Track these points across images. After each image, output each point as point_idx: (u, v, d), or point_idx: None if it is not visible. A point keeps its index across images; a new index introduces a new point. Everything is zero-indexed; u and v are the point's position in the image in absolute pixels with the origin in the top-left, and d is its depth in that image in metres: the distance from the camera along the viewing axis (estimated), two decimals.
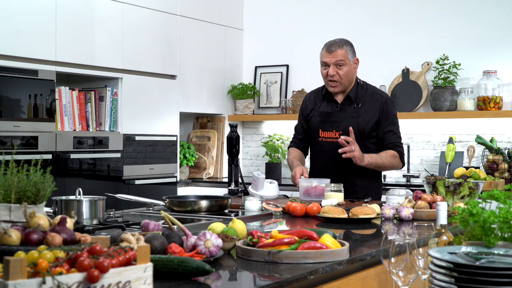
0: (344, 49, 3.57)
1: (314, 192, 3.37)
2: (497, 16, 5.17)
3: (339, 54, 3.56)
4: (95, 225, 2.38)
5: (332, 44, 3.61)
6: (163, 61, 5.32)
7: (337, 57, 3.56)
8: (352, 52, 3.62)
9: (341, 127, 3.61)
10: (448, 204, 3.02)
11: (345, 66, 3.57)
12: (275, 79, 6.06)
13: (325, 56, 3.59)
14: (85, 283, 1.26)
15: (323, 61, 3.61)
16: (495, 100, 4.99)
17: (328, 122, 3.66)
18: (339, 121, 3.63)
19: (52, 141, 4.35)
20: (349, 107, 3.64)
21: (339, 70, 3.57)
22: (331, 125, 3.64)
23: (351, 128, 3.47)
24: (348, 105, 3.65)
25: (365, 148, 3.59)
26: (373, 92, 3.69)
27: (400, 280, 1.84)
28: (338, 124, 3.62)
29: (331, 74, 3.56)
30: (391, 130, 3.64)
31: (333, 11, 5.82)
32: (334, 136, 3.62)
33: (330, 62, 3.57)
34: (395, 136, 3.65)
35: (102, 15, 4.80)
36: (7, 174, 1.78)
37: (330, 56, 3.57)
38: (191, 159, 5.65)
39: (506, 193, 1.81)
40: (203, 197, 3.05)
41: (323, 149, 3.66)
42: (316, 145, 3.71)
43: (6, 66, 4.12)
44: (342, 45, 3.59)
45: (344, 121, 3.61)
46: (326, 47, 3.62)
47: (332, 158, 3.59)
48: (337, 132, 3.61)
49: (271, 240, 1.91)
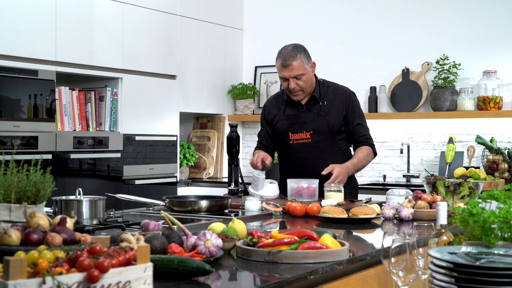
0: (299, 60, 3.53)
1: (306, 193, 3.38)
2: (497, 16, 5.17)
3: (295, 67, 3.52)
4: (95, 225, 2.38)
5: (286, 57, 3.53)
6: (163, 61, 5.32)
7: (293, 70, 3.53)
8: (307, 58, 3.58)
9: (311, 126, 3.64)
10: (448, 204, 3.02)
11: (304, 75, 3.55)
12: (275, 79, 6.06)
13: (282, 70, 3.56)
14: (85, 283, 1.26)
15: (281, 76, 3.58)
16: (495, 100, 4.99)
17: (296, 124, 3.67)
18: (308, 121, 3.65)
19: (52, 141, 4.35)
20: (315, 106, 3.66)
21: (299, 81, 3.56)
22: (301, 126, 3.66)
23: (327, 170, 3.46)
24: (312, 105, 3.67)
25: (335, 145, 3.66)
26: (335, 88, 3.72)
27: (400, 280, 1.84)
28: (307, 124, 3.65)
29: (292, 87, 3.56)
30: (359, 123, 3.69)
31: (333, 11, 5.82)
32: (305, 137, 3.65)
33: (288, 76, 3.55)
34: (364, 128, 3.70)
35: (102, 15, 4.80)
36: (7, 174, 1.78)
37: (287, 70, 3.54)
38: (191, 159, 5.65)
39: (506, 193, 1.81)
40: (203, 197, 3.05)
41: (295, 151, 3.67)
42: (288, 148, 3.72)
43: (6, 66, 4.12)
44: (296, 56, 3.53)
45: (313, 120, 3.64)
46: (280, 60, 3.56)
47: (307, 159, 3.62)
48: (307, 133, 3.64)
49: (271, 240, 1.91)
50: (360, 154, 3.64)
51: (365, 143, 3.69)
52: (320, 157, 3.62)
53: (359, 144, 3.70)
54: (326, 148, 3.65)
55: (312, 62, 3.63)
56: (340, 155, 3.67)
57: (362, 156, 3.63)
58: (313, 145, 3.64)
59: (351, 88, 3.83)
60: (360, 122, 3.69)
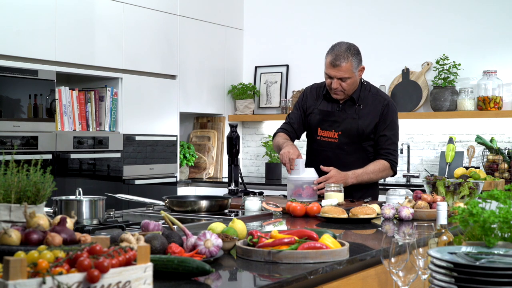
0: (349, 63, 3.41)
1: (305, 193, 3.38)
2: (497, 16, 5.17)
3: (343, 69, 3.41)
4: (95, 225, 2.38)
5: (337, 56, 3.41)
6: (163, 61, 5.32)
7: (340, 71, 3.42)
8: (358, 62, 3.46)
9: (341, 127, 3.55)
10: (448, 204, 3.02)
11: (349, 79, 3.45)
12: (275, 79, 6.06)
13: (329, 68, 3.44)
14: (85, 283, 1.26)
15: (327, 72, 3.47)
16: (495, 100, 4.99)
17: (328, 121, 3.59)
18: (339, 121, 3.56)
19: (52, 141, 4.35)
20: (351, 108, 3.56)
21: (343, 83, 3.46)
22: (331, 124, 3.58)
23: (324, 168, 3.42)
24: (349, 106, 3.57)
25: (362, 150, 3.57)
26: (375, 94, 3.60)
27: (400, 280, 1.84)
28: (338, 124, 3.56)
29: (335, 87, 3.47)
30: (385, 135, 3.54)
31: (333, 11, 5.82)
32: (332, 136, 3.57)
33: (333, 76, 3.45)
34: (389, 142, 3.55)
35: (102, 15, 4.80)
36: (7, 174, 1.78)
37: (334, 70, 3.43)
38: (191, 159, 5.65)
39: (506, 193, 1.81)
40: (203, 197, 3.05)
41: (320, 148, 3.61)
42: (314, 143, 3.66)
43: (6, 66, 4.12)
44: (347, 58, 3.41)
45: (344, 121, 3.55)
46: (331, 57, 3.44)
47: (330, 158, 3.55)
48: (336, 133, 3.56)
49: (271, 240, 1.91)
50: (371, 167, 3.50)
51: (384, 157, 3.54)
52: (344, 159, 3.53)
53: (378, 157, 3.56)
54: (351, 152, 3.55)
55: (362, 67, 3.49)
56: (365, 162, 3.56)
57: (371, 169, 3.50)
58: (339, 146, 3.56)
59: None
60: (386, 134, 3.53)
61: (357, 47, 3.51)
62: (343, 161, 3.54)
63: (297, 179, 3.43)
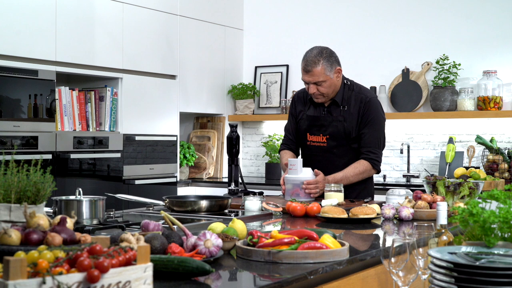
0: (321, 66, 3.42)
1: (303, 193, 3.39)
2: (497, 16, 5.17)
3: (315, 73, 3.43)
4: (95, 225, 2.38)
5: (308, 62, 3.44)
6: (163, 61, 5.32)
7: (314, 76, 3.44)
8: (330, 65, 3.45)
9: (328, 131, 3.57)
10: (448, 204, 3.02)
11: (325, 82, 3.46)
12: (275, 79, 6.06)
13: (303, 75, 3.48)
14: (85, 283, 1.26)
15: (302, 79, 3.51)
16: (495, 100, 4.99)
17: (315, 126, 3.62)
18: (326, 125, 3.58)
19: (52, 141, 4.35)
20: (336, 110, 3.57)
21: (320, 87, 3.47)
22: (318, 129, 3.60)
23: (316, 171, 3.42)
24: (334, 108, 3.58)
25: (351, 151, 3.59)
26: (358, 92, 3.58)
27: (400, 280, 1.84)
28: (325, 128, 3.58)
29: (312, 92, 3.50)
30: (364, 133, 3.51)
31: (333, 11, 5.82)
32: (321, 141, 3.60)
33: (308, 82, 3.48)
34: (369, 139, 3.51)
35: (102, 15, 4.80)
36: (7, 174, 1.78)
37: (308, 76, 3.46)
38: (191, 159, 5.65)
39: (506, 193, 1.81)
40: (203, 197, 3.05)
41: (311, 153, 3.63)
42: (305, 149, 3.69)
43: (6, 66, 4.12)
44: (318, 62, 3.42)
45: (331, 125, 3.57)
46: (303, 64, 3.47)
47: (321, 162, 3.56)
48: (324, 137, 3.59)
49: (271, 240, 1.91)
50: (350, 170, 3.48)
51: (365, 156, 3.52)
52: (334, 162, 3.55)
53: (360, 156, 3.55)
54: (341, 154, 3.57)
55: (337, 68, 3.48)
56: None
57: (351, 173, 3.48)
58: (328, 149, 3.58)
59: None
60: (365, 132, 3.51)
61: (330, 49, 3.51)
62: (334, 165, 3.56)
63: (295, 179, 3.43)
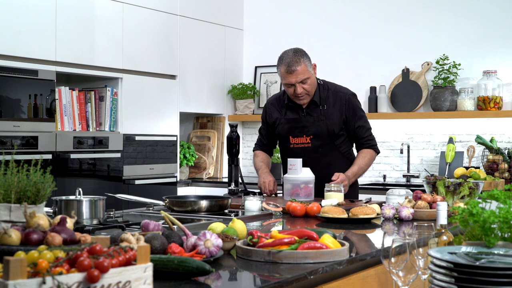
0: (303, 64, 3.49)
1: (303, 193, 3.39)
2: (497, 16, 5.17)
3: (300, 71, 3.49)
4: (95, 225, 2.38)
5: (290, 63, 3.49)
6: (163, 61, 5.32)
7: (299, 75, 3.49)
8: (309, 61, 3.55)
9: (311, 131, 3.63)
10: (448, 204, 3.02)
11: (309, 79, 3.53)
12: (275, 79, 6.06)
13: (287, 76, 3.51)
14: (85, 283, 1.26)
15: (286, 82, 3.53)
16: (495, 100, 4.99)
17: (297, 128, 3.66)
18: (308, 126, 3.63)
19: (52, 141, 4.35)
20: (315, 110, 3.64)
21: (305, 85, 3.53)
22: (301, 130, 3.65)
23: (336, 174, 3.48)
24: (313, 108, 3.64)
25: (335, 149, 3.66)
26: (335, 91, 3.68)
27: (400, 280, 1.84)
28: (307, 128, 3.63)
29: (299, 92, 3.53)
30: (360, 126, 3.67)
31: (333, 11, 5.82)
32: (305, 142, 3.65)
33: (294, 82, 3.51)
34: (364, 130, 3.69)
35: (102, 15, 4.80)
36: (7, 174, 1.78)
37: (293, 76, 3.49)
38: (191, 159, 5.65)
39: (506, 193, 1.81)
40: (203, 197, 3.05)
41: (296, 155, 3.64)
42: (289, 152, 3.71)
43: (6, 66, 4.12)
44: (299, 60, 3.49)
45: (313, 124, 3.63)
46: (284, 66, 3.51)
47: (307, 163, 3.57)
48: (308, 137, 3.64)
49: (271, 240, 1.91)
50: (361, 161, 3.63)
51: (367, 145, 3.69)
52: (321, 161, 3.61)
53: (361, 147, 3.71)
54: (326, 153, 3.64)
55: (314, 64, 3.61)
56: (341, 159, 3.68)
57: (363, 163, 3.64)
58: (313, 149, 3.64)
59: (351, 89, 3.82)
60: (360, 125, 3.67)
61: (303, 49, 3.60)
62: (320, 164, 3.60)
63: (295, 179, 3.44)
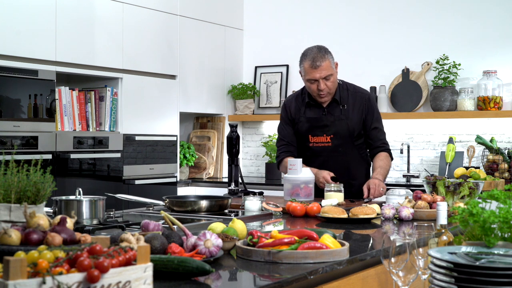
0: (327, 60, 3.50)
1: (303, 193, 3.39)
2: (497, 16, 5.17)
3: (324, 67, 3.48)
4: (95, 225, 2.38)
5: (315, 58, 3.48)
6: (163, 61, 5.32)
7: (323, 71, 3.48)
8: (333, 59, 3.56)
9: (331, 130, 3.61)
10: (448, 204, 3.02)
11: (332, 76, 3.52)
12: (275, 79, 6.06)
13: (311, 72, 3.49)
14: (85, 283, 1.26)
15: (309, 78, 3.51)
16: (495, 100, 4.99)
17: (317, 127, 3.64)
18: (328, 125, 3.62)
19: (52, 141, 4.35)
20: (336, 109, 3.63)
21: (328, 82, 3.52)
22: (321, 129, 3.63)
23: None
24: (334, 108, 3.63)
25: (354, 149, 3.65)
26: (354, 91, 3.68)
27: (400, 280, 1.84)
28: (328, 128, 3.62)
29: (322, 88, 3.51)
30: (376, 127, 3.66)
31: (333, 11, 5.82)
32: (325, 141, 3.63)
33: (318, 78, 3.49)
34: (380, 132, 3.68)
35: (102, 15, 4.80)
36: (7, 174, 1.78)
37: (317, 71, 3.48)
38: (191, 159, 5.65)
39: (506, 193, 1.81)
40: (203, 197, 3.05)
41: (314, 154, 3.64)
42: (307, 151, 3.69)
43: (6, 66, 4.12)
44: (324, 56, 3.49)
45: (333, 124, 3.61)
46: (309, 61, 3.50)
47: (326, 163, 3.58)
48: (328, 136, 3.62)
49: (271, 240, 1.91)
50: (382, 163, 3.60)
51: (382, 148, 3.67)
52: (340, 161, 3.60)
53: (376, 150, 3.67)
54: (346, 153, 3.63)
55: (336, 63, 3.59)
56: (360, 160, 3.68)
57: (384, 164, 3.60)
58: (333, 149, 3.62)
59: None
60: (376, 126, 3.66)
61: (326, 47, 3.59)
62: (339, 163, 3.60)
63: (295, 179, 3.44)
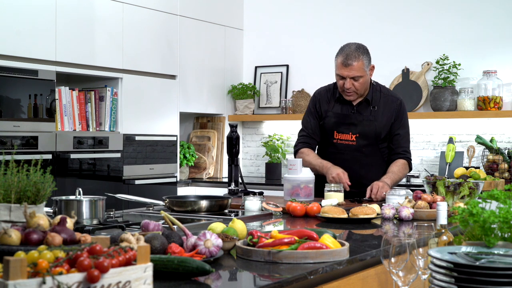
0: (361, 61, 3.44)
1: (303, 193, 3.39)
2: (497, 16, 5.17)
3: (355, 67, 3.43)
4: (95, 225, 2.38)
5: (348, 56, 3.43)
6: (163, 61, 5.32)
7: (352, 71, 3.43)
8: (368, 61, 3.49)
9: (358, 130, 3.56)
10: (448, 204, 3.02)
11: (362, 77, 3.47)
12: (275, 79, 6.06)
13: (341, 68, 3.45)
14: (85, 283, 1.26)
15: (338, 73, 3.47)
16: (495, 100, 4.99)
17: (344, 124, 3.59)
18: (356, 124, 3.57)
19: (52, 141, 4.35)
20: (366, 109, 3.58)
21: (356, 82, 3.47)
22: (348, 127, 3.58)
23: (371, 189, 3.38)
24: (364, 108, 3.58)
25: (378, 152, 3.60)
26: (386, 94, 3.63)
27: (400, 280, 1.84)
28: (355, 126, 3.57)
29: (348, 87, 3.47)
30: (399, 134, 3.60)
31: (333, 11, 5.82)
32: (350, 139, 3.58)
33: (346, 76, 3.46)
34: (403, 139, 3.61)
35: (102, 15, 4.80)
36: (7, 174, 1.78)
37: (347, 70, 3.44)
38: (191, 159, 5.65)
39: (506, 193, 1.81)
40: (203, 197, 3.05)
41: (337, 151, 3.61)
42: (330, 147, 3.64)
43: (6, 66, 4.12)
44: (358, 57, 3.44)
45: (361, 124, 3.56)
46: (342, 57, 3.45)
47: (348, 161, 3.55)
48: (354, 135, 3.57)
49: (271, 240, 1.91)
50: (396, 168, 3.53)
51: (402, 156, 3.60)
52: (362, 161, 3.57)
53: (396, 156, 3.61)
54: (369, 154, 3.58)
55: (372, 66, 3.53)
56: (381, 163, 3.62)
57: (397, 170, 3.53)
58: (357, 148, 3.57)
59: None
60: (400, 133, 3.59)
61: (366, 47, 3.54)
62: (360, 163, 3.57)
63: (295, 179, 3.44)
